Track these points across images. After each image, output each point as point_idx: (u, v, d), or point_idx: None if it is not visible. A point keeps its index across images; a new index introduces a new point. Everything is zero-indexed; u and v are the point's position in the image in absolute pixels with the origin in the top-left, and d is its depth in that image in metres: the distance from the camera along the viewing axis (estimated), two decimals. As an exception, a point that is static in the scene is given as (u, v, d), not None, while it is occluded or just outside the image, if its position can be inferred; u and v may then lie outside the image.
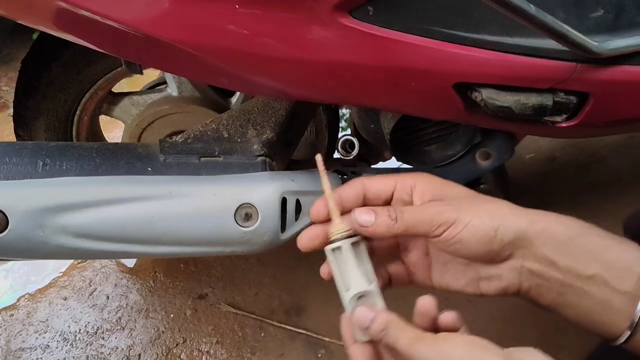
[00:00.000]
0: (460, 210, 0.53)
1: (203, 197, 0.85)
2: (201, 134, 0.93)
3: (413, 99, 0.82)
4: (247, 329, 1.39)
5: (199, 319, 1.43)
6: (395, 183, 0.57)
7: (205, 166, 0.90)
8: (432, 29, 0.71)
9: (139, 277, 1.55)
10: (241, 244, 0.88)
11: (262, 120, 0.94)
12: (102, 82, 1.15)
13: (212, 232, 0.86)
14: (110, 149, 0.92)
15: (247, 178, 0.88)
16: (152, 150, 0.92)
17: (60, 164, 0.86)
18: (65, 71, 1.11)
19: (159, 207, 0.84)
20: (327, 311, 1.41)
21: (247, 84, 0.83)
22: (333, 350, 1.33)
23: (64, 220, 0.82)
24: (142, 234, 0.84)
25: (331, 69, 0.74)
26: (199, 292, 1.49)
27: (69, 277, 1.56)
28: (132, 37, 0.72)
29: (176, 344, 1.37)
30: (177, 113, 1.18)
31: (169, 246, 0.87)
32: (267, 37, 0.71)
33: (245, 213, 0.86)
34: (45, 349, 1.39)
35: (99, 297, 1.50)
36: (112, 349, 1.38)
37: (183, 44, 0.70)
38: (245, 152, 0.92)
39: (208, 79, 0.94)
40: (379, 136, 1.07)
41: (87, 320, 1.44)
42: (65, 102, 1.15)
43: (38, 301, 1.50)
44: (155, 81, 1.36)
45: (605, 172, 1.77)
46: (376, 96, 0.82)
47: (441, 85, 0.74)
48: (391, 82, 0.76)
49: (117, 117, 1.29)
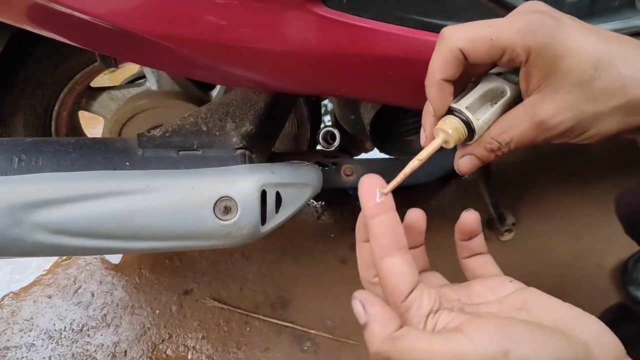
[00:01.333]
0: (578, 125, 0.44)
1: (181, 191, 0.85)
2: (179, 128, 0.92)
3: (391, 88, 0.81)
4: (233, 324, 1.39)
5: (185, 314, 1.42)
6: (504, 50, 0.44)
7: (183, 160, 0.90)
8: (406, 17, 0.70)
9: (124, 273, 1.54)
10: (221, 237, 0.88)
11: (241, 113, 0.93)
12: (80, 77, 1.14)
13: (191, 226, 0.85)
14: (88, 143, 0.91)
15: (226, 171, 0.88)
16: (130, 144, 0.91)
17: (37, 160, 0.85)
18: (41, 67, 1.09)
19: (137, 202, 0.83)
20: (312, 304, 1.40)
21: (222, 75, 0.83)
22: (319, 343, 1.33)
23: (41, 216, 0.81)
24: (120, 229, 0.84)
25: (306, 59, 0.74)
26: (185, 287, 1.48)
27: (53, 275, 1.55)
28: (104, 30, 0.72)
29: (162, 340, 1.37)
30: (157, 107, 1.17)
31: (147, 241, 0.86)
32: (241, 27, 0.70)
33: (224, 206, 0.85)
34: (31, 348, 1.38)
35: (83, 295, 1.49)
36: (97, 346, 1.37)
37: (154, 35, 0.69)
38: (224, 145, 0.91)
39: (183, 71, 0.94)
40: (360, 127, 1.07)
41: (72, 318, 1.43)
42: (43, 97, 1.13)
43: (22, 300, 1.49)
44: (135, 75, 1.35)
45: (586, 160, 1.78)
46: (353, 86, 0.81)
47: (417, 74, 0.73)
48: (367, 71, 0.76)
49: (96, 112, 1.28)
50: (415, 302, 0.38)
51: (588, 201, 1.61)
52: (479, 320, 0.37)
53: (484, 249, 0.49)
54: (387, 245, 0.39)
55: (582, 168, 1.74)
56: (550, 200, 1.64)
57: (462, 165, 0.48)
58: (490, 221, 1.51)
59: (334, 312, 1.38)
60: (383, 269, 0.39)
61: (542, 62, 0.43)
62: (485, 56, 0.44)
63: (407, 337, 0.36)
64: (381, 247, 0.39)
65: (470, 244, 0.49)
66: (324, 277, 1.46)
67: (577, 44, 0.43)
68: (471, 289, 0.45)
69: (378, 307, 0.38)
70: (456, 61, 0.45)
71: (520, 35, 0.43)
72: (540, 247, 1.51)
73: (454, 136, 0.46)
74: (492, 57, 0.45)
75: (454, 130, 0.45)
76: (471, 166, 0.48)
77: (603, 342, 0.38)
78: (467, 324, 0.36)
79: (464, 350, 0.34)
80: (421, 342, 0.36)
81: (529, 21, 0.43)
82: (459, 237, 0.49)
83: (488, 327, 0.36)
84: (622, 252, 1.43)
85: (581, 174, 1.72)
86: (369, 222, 0.40)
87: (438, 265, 0.50)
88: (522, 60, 0.44)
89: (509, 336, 0.35)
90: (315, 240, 1.58)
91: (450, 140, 0.46)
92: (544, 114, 0.44)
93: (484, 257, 0.49)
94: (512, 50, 0.44)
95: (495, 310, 0.41)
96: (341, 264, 1.48)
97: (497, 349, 0.34)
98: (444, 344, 0.35)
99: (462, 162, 0.48)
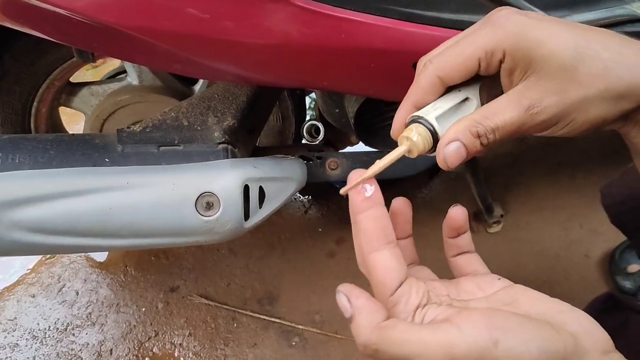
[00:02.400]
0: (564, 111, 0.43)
1: (162, 188, 0.83)
2: (160, 123, 0.90)
3: (373, 80, 0.80)
4: (220, 320, 1.37)
5: (171, 311, 1.41)
6: (479, 59, 0.45)
7: (164, 155, 0.88)
8: (388, 8, 0.69)
9: (109, 271, 1.52)
10: (204, 233, 0.86)
11: (222, 107, 0.92)
12: (59, 73, 1.11)
13: (172, 222, 0.84)
14: (66, 140, 0.89)
15: (208, 166, 0.86)
16: (109, 140, 0.89)
17: (13, 157, 0.84)
18: (18, 62, 1.07)
19: (117, 199, 0.82)
20: (300, 299, 1.40)
21: (203, 69, 0.81)
22: (307, 338, 1.32)
23: (18, 215, 0.79)
24: (100, 226, 0.82)
25: (288, 52, 0.72)
26: (171, 284, 1.47)
27: (37, 274, 1.53)
28: (79, 23, 0.70)
29: (148, 338, 1.35)
30: (138, 102, 1.16)
31: (129, 238, 0.85)
32: (220, 20, 0.68)
33: (206, 202, 0.84)
34: (15, 348, 1.36)
35: (68, 293, 1.47)
36: (83, 345, 1.35)
37: (131, 28, 0.67)
38: (205, 140, 0.90)
39: (162, 65, 0.92)
40: (344, 120, 1.06)
41: (56, 317, 1.42)
42: (20, 94, 1.11)
43: (5, 299, 1.47)
44: (116, 70, 1.33)
45: (574, 151, 1.78)
46: (336, 79, 0.80)
47: (400, 65, 0.73)
48: (350, 63, 0.74)
49: (76, 108, 1.26)
50: (403, 296, 0.38)
51: (575, 192, 1.61)
52: (468, 311, 0.37)
53: (471, 247, 0.49)
54: (375, 240, 0.39)
55: (569, 159, 1.74)
56: (538, 192, 1.63)
57: (449, 154, 0.44)
58: (478, 213, 1.51)
59: (321, 306, 1.37)
60: (371, 264, 0.39)
61: (519, 54, 0.43)
62: (463, 73, 0.45)
63: (396, 327, 0.36)
64: (369, 242, 0.39)
65: (457, 242, 0.49)
66: (311, 271, 1.45)
67: (552, 32, 0.43)
68: (460, 285, 0.45)
69: (363, 298, 0.38)
70: (434, 89, 0.46)
71: (492, 37, 0.43)
72: (529, 239, 1.51)
73: (418, 144, 0.44)
74: (471, 71, 0.45)
75: (418, 136, 0.44)
76: (458, 156, 0.45)
77: (592, 335, 0.37)
78: (456, 315, 0.36)
79: (453, 340, 0.34)
80: (410, 332, 0.35)
81: (496, 21, 0.44)
82: (447, 234, 0.49)
83: (477, 317, 0.35)
84: (609, 242, 1.43)
85: (568, 166, 1.72)
86: (357, 217, 0.40)
87: (426, 258, 0.50)
88: (499, 59, 0.44)
89: (498, 326, 0.34)
90: (303, 234, 1.57)
91: (414, 148, 0.45)
92: (530, 98, 0.43)
93: (471, 255, 0.49)
94: (487, 55, 0.44)
95: (484, 305, 0.41)
96: (329, 258, 1.46)
97: (487, 339, 0.34)
98: (433, 334, 0.35)
99: (449, 150, 0.44)
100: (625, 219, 0.95)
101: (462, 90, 0.47)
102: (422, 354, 0.34)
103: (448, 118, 0.45)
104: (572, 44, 0.42)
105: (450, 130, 0.44)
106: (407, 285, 0.39)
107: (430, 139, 0.45)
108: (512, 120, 0.44)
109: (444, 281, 0.46)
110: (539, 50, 0.42)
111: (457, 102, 0.46)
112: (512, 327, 0.35)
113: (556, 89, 0.43)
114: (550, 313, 0.38)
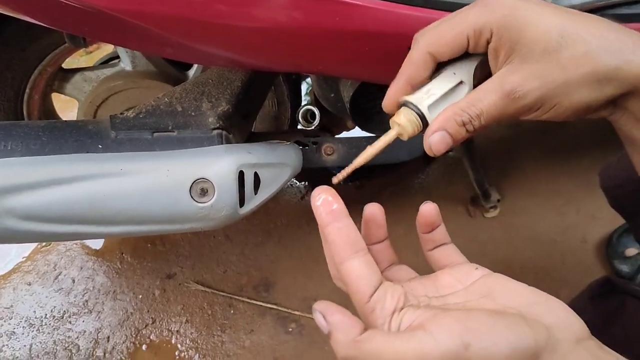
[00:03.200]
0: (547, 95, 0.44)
1: (156, 174, 0.82)
2: (154, 109, 0.89)
3: (368, 64, 0.79)
4: (217, 307, 1.37)
5: (168, 298, 1.40)
6: (468, 36, 0.46)
7: (158, 141, 0.87)
8: (383, -10, 0.68)
9: (105, 259, 1.52)
10: (198, 220, 0.85)
11: (217, 93, 0.91)
12: (51, 59, 1.10)
13: (167, 209, 0.83)
14: (58, 126, 0.88)
15: (202, 152, 0.85)
16: (102, 126, 0.88)
17: (5, 144, 0.83)
18: (9, 48, 1.05)
19: (110, 186, 0.81)
20: (296, 286, 1.40)
21: (195, 54, 0.80)
22: (303, 324, 1.32)
23: (10, 202, 0.79)
24: (94, 214, 0.81)
25: (281, 35, 0.71)
26: (167, 271, 1.47)
27: (32, 262, 1.52)
28: (70, 7, 0.68)
29: (145, 325, 1.35)
30: (132, 88, 1.14)
31: (123, 225, 0.84)
32: (211, 2, 0.67)
33: (200, 188, 0.83)
34: (11, 336, 1.36)
35: (64, 281, 1.47)
36: (79, 332, 1.35)
37: (122, 12, 0.66)
38: (200, 126, 0.89)
39: (155, 50, 0.90)
40: (340, 105, 1.05)
41: (53, 305, 1.41)
42: (12, 80, 1.10)
43: (2, 287, 1.46)
44: (109, 55, 1.31)
45: (567, 136, 1.78)
46: (330, 62, 0.79)
47: (395, 49, 0.71)
48: (344, 46, 0.73)
49: (69, 94, 1.25)
50: (378, 302, 0.39)
51: (572, 177, 1.61)
52: (442, 315, 0.37)
53: (447, 239, 0.50)
54: (343, 250, 0.40)
55: (565, 144, 1.74)
56: (534, 177, 1.63)
57: (434, 143, 0.47)
58: (475, 198, 1.50)
59: (318, 293, 1.37)
60: (343, 273, 0.40)
61: (506, 34, 0.44)
62: (454, 49, 0.47)
63: (372, 340, 0.37)
64: (338, 252, 0.40)
65: (432, 236, 0.49)
66: (308, 258, 1.45)
67: (540, 15, 0.44)
68: (438, 280, 0.46)
69: (339, 315, 0.39)
70: (425, 65, 0.48)
71: (481, 16, 0.45)
72: (525, 223, 1.51)
73: (408, 129, 0.47)
74: (460, 47, 0.46)
75: (408, 122, 0.47)
76: (443, 144, 0.47)
77: (566, 324, 0.38)
78: (430, 320, 0.37)
79: (426, 348, 0.35)
80: (384, 343, 0.36)
81: (488, 2, 0.45)
82: (421, 230, 0.50)
83: (449, 322, 0.36)
84: (606, 227, 1.43)
85: (564, 150, 1.71)
86: (324, 230, 0.41)
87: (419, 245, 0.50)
88: (487, 38, 0.45)
89: (469, 329, 0.35)
90: (299, 221, 1.56)
91: (404, 133, 0.47)
92: (512, 82, 0.44)
93: (448, 247, 0.50)
94: (475, 32, 0.45)
95: (462, 299, 0.42)
96: (325, 244, 1.46)
97: (459, 344, 0.35)
98: (406, 343, 0.36)
99: (434, 139, 0.46)
100: (624, 201, 0.95)
101: (457, 74, 0.48)
102: None
103: (440, 104, 0.47)
104: (558, 28, 0.43)
105: (437, 120, 0.46)
106: (382, 291, 0.39)
107: (419, 124, 0.47)
108: (496, 106, 0.45)
109: (422, 278, 0.47)
110: (524, 32, 0.43)
111: (450, 87, 0.47)
112: (483, 329, 0.36)
113: (539, 73, 0.43)
114: (525, 304, 0.39)
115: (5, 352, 1.32)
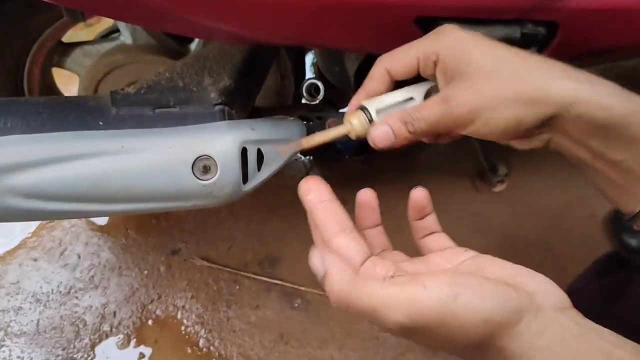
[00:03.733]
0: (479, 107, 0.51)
1: (158, 151, 0.81)
2: (155, 84, 0.87)
3: (374, 37, 0.77)
4: (222, 283, 1.37)
5: (173, 274, 1.41)
6: (418, 57, 0.55)
7: (160, 118, 0.86)
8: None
9: (110, 234, 1.52)
10: (202, 197, 0.84)
11: (218, 67, 0.89)
12: (50, 33, 1.08)
13: (169, 186, 0.82)
14: (59, 103, 0.86)
15: (204, 129, 0.84)
16: (103, 102, 0.87)
17: (5, 122, 0.81)
18: (8, 23, 1.03)
19: (112, 163, 0.80)
20: (302, 261, 1.39)
21: (195, 28, 0.78)
22: (309, 299, 1.32)
23: (12, 180, 0.78)
24: (96, 191, 0.80)
25: (281, 8, 0.69)
26: (172, 247, 1.47)
27: (38, 238, 1.53)
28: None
29: (151, 300, 1.36)
30: (133, 63, 1.12)
31: (125, 203, 0.83)
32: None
33: (203, 165, 0.82)
34: (18, 311, 1.37)
35: (70, 257, 1.47)
36: (86, 307, 1.36)
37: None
38: (202, 102, 0.87)
39: (153, 24, 0.89)
40: (344, 78, 1.03)
41: (59, 280, 1.42)
42: (12, 55, 1.08)
43: (8, 263, 1.47)
44: (109, 29, 1.29)
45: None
46: (334, 35, 0.77)
47: (401, 20, 0.69)
48: (348, 18, 0.71)
49: (70, 69, 1.23)
50: (368, 270, 0.42)
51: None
52: (433, 272, 0.43)
53: (437, 227, 0.54)
54: (331, 227, 0.44)
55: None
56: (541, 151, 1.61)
57: (377, 136, 0.54)
58: (483, 172, 1.49)
59: (323, 268, 1.37)
60: (333, 247, 0.43)
61: (450, 59, 0.52)
62: (407, 68, 0.56)
63: (367, 283, 0.40)
64: (326, 230, 0.44)
65: (424, 224, 0.54)
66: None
67: (479, 45, 0.52)
68: (429, 261, 0.49)
69: (335, 257, 0.42)
70: (383, 79, 0.58)
71: (431, 43, 0.54)
72: (532, 198, 1.49)
73: (357, 128, 0.56)
74: (411, 67, 0.56)
75: (358, 122, 0.56)
76: (385, 139, 0.54)
77: (548, 293, 0.42)
78: (422, 275, 0.40)
79: (417, 295, 0.38)
80: (379, 287, 0.39)
81: (441, 32, 0.54)
82: (413, 217, 0.54)
83: (441, 276, 0.40)
84: (614, 201, 1.41)
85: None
86: (312, 212, 0.46)
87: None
88: (434, 61, 0.54)
89: (460, 284, 0.39)
90: (304, 196, 1.55)
91: (352, 131, 0.56)
92: (449, 93, 0.52)
93: (438, 235, 0.54)
94: (425, 55, 0.54)
95: None
96: (330, 219, 1.45)
97: (448, 294, 0.38)
98: (400, 290, 0.39)
99: (377, 132, 0.54)
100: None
101: (410, 91, 0.58)
102: (389, 307, 0.38)
103: (388, 111, 0.56)
104: (494, 56, 0.51)
105: (383, 118, 0.55)
106: (371, 262, 0.43)
107: (368, 125, 0.56)
108: (434, 111, 0.53)
109: (413, 259, 0.51)
110: (465, 58, 0.52)
111: (401, 100, 0.57)
112: (472, 284, 0.39)
113: (473, 89, 0.51)
114: (511, 276, 0.43)
115: (13, 327, 1.33)
